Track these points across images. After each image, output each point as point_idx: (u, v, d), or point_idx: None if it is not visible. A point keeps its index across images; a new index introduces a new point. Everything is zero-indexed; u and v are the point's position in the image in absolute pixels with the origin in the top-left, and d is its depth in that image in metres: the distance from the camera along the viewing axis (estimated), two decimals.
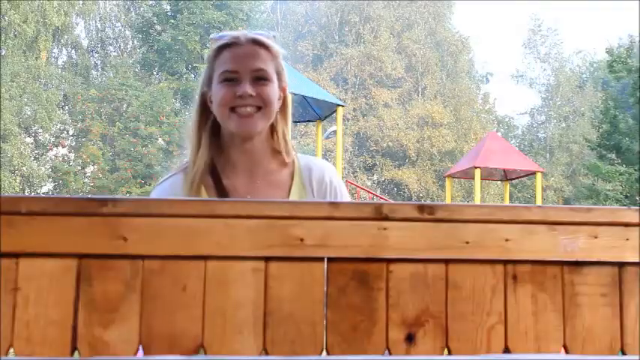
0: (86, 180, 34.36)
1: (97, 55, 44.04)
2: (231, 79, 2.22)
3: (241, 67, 2.22)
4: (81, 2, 40.32)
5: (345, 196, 2.43)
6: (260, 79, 2.23)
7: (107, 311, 1.32)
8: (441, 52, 47.87)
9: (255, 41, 2.27)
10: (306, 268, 1.36)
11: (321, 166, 2.41)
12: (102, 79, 40.85)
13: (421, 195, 43.11)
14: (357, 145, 44.73)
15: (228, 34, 2.30)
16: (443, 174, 32.24)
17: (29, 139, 36.09)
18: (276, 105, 2.29)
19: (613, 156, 26.99)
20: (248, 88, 2.19)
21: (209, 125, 2.29)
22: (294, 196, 2.29)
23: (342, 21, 47.61)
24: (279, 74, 2.32)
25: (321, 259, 1.37)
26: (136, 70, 40.67)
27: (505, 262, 1.41)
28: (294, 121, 17.01)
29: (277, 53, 2.31)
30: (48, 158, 36.42)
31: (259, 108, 2.22)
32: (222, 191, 2.24)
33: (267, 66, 2.25)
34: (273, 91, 2.26)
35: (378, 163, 44.54)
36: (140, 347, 1.33)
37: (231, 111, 2.20)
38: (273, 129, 2.34)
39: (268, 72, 2.25)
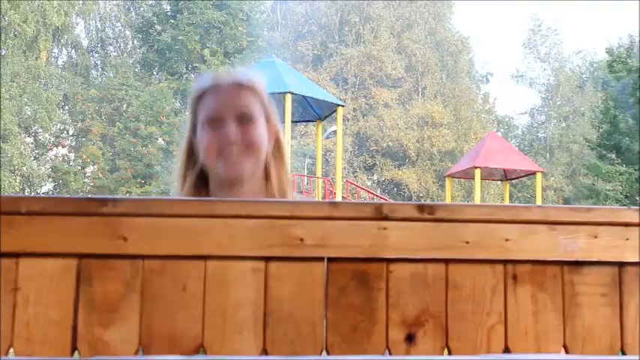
0: (86, 180, 34.37)
1: (97, 55, 44.08)
2: (214, 124, 2.14)
3: (224, 111, 2.14)
4: (81, 2, 40.35)
5: None
6: (244, 119, 2.14)
7: (107, 311, 1.32)
8: (441, 52, 47.90)
9: (238, 83, 2.20)
10: (306, 268, 1.36)
11: None
12: (102, 79, 40.88)
13: (421, 195, 43.13)
14: (357, 144, 44.76)
15: (208, 78, 2.23)
16: (443, 174, 32.26)
17: (29, 139, 36.12)
18: (265, 146, 2.18)
19: (613, 156, 27.01)
20: (232, 130, 2.11)
21: (196, 171, 2.20)
22: None
23: (342, 21, 47.64)
24: (267, 114, 2.21)
25: (321, 259, 1.37)
26: (136, 70, 40.69)
27: (505, 262, 1.41)
28: (294, 121, 17.02)
29: (263, 92, 2.22)
30: (48, 158, 36.45)
31: (246, 149, 2.13)
32: None
33: (252, 105, 2.17)
34: (259, 130, 2.16)
35: (378, 162, 44.57)
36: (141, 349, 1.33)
37: (218, 155, 2.12)
38: (267, 174, 2.22)
39: (253, 112, 2.16)
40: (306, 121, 19.32)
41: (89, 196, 1.48)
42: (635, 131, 25.25)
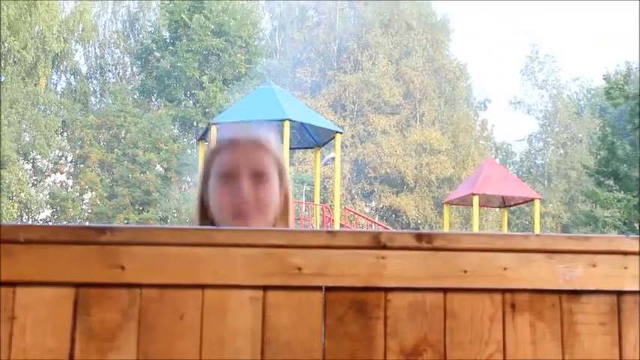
0: (84, 206, 34.39)
1: (96, 81, 44.21)
2: (228, 179, 2.14)
3: (239, 167, 2.14)
4: (80, 29, 40.49)
5: None
6: (259, 177, 2.14)
7: (104, 340, 1.32)
8: (439, 78, 48.05)
9: (256, 141, 2.20)
10: (304, 297, 1.36)
11: None
12: (101, 106, 40.99)
13: (419, 222, 43.10)
14: (355, 171, 44.77)
15: (227, 133, 2.25)
16: (441, 201, 32.27)
17: (27, 165, 36.14)
18: (275, 205, 2.18)
19: (611, 182, 27.01)
20: (245, 188, 2.11)
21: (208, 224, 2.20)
22: None
23: (341, 48, 47.85)
24: (280, 176, 2.21)
25: (319, 288, 1.36)
26: (135, 96, 40.83)
27: (503, 291, 1.40)
28: (292, 148, 17.05)
29: (278, 151, 2.23)
30: (46, 184, 36.47)
31: (257, 209, 2.12)
32: None
33: (267, 164, 2.17)
34: (272, 191, 2.16)
35: (376, 189, 44.57)
36: None
37: (231, 215, 2.11)
38: None
39: (267, 170, 2.16)
40: (305, 147, 19.35)
41: (87, 224, 1.48)
42: (633, 158, 25.29)
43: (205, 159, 2.25)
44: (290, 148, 15.69)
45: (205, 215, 2.21)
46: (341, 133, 17.42)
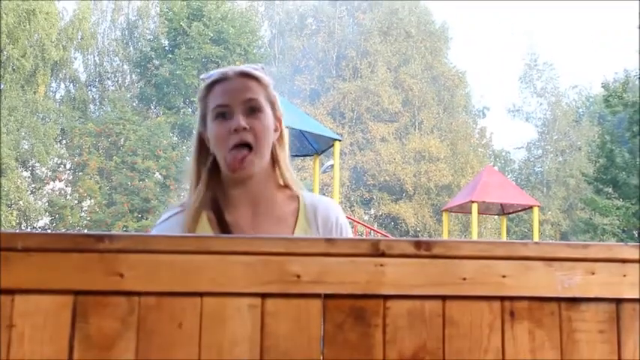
0: (83, 214, 34.36)
1: (94, 89, 44.22)
2: (223, 114, 2.20)
3: (232, 100, 2.20)
4: (79, 37, 40.53)
5: (349, 235, 2.41)
6: (252, 110, 2.21)
7: (103, 348, 1.32)
8: (438, 86, 48.09)
9: (244, 74, 2.25)
10: (303, 305, 1.36)
11: (326, 204, 2.36)
12: (100, 113, 40.97)
13: (418, 229, 43.09)
14: (354, 179, 44.77)
15: (216, 71, 2.30)
16: (440, 208, 32.27)
17: (26, 173, 36.12)
18: (272, 135, 2.27)
19: (610, 190, 27.01)
20: (241, 121, 2.17)
21: (209, 163, 2.26)
22: (299, 234, 2.24)
23: (339, 55, 47.90)
24: (272, 103, 2.28)
25: (317, 296, 1.36)
26: (134, 104, 40.84)
27: (502, 299, 1.40)
28: (292, 156, 17.05)
29: (267, 83, 2.29)
30: (45, 192, 36.44)
31: (253, 147, 2.18)
32: (224, 227, 2.20)
33: (259, 96, 2.23)
34: (267, 121, 2.23)
35: (375, 197, 44.56)
36: None
37: (228, 151, 2.17)
38: (274, 161, 2.32)
39: (260, 102, 2.22)
40: (304, 155, 19.34)
41: (86, 232, 1.48)
42: (632, 165, 25.29)
43: (200, 97, 2.30)
44: (289, 156, 15.67)
45: (204, 154, 2.27)
46: (340, 140, 17.41)
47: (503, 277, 1.40)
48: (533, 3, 67.57)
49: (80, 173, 34.82)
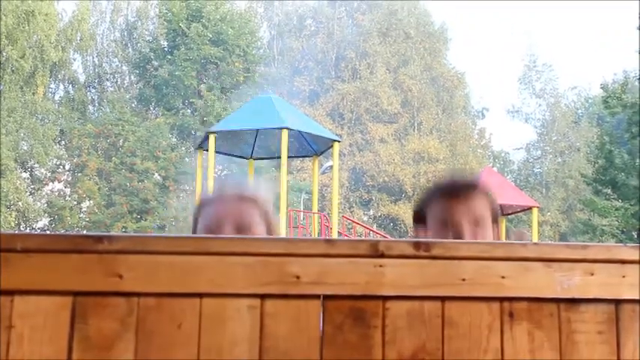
0: (82, 215, 34.34)
1: (94, 90, 44.20)
2: (215, 231, 2.14)
3: (223, 222, 2.14)
4: (79, 38, 40.51)
5: None
6: (242, 228, 2.14)
7: (102, 349, 1.31)
8: (437, 87, 48.09)
9: (240, 196, 2.20)
10: (302, 306, 1.36)
11: None
12: (99, 115, 40.94)
13: None
14: (353, 180, 44.75)
15: (219, 188, 2.28)
16: None
17: (25, 174, 36.09)
18: None
19: (609, 191, 27.02)
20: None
21: None
22: None
23: (339, 57, 47.90)
24: (268, 229, 2.20)
25: (317, 297, 1.36)
26: (133, 105, 40.84)
27: (501, 300, 1.40)
28: (290, 157, 17.03)
29: (265, 205, 2.22)
30: (44, 193, 36.42)
31: None
32: None
33: (251, 216, 2.16)
34: None
35: (374, 198, 44.55)
36: None
37: None
38: None
39: (251, 221, 2.16)
40: (303, 156, 19.33)
41: (85, 233, 1.48)
42: (631, 166, 25.29)
43: (194, 213, 2.26)
44: (288, 157, 15.63)
45: None
46: (339, 141, 17.40)
47: (503, 277, 1.40)
48: (532, 4, 67.64)
49: (79, 174, 34.80)
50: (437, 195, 2.29)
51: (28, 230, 33.34)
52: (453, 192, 2.26)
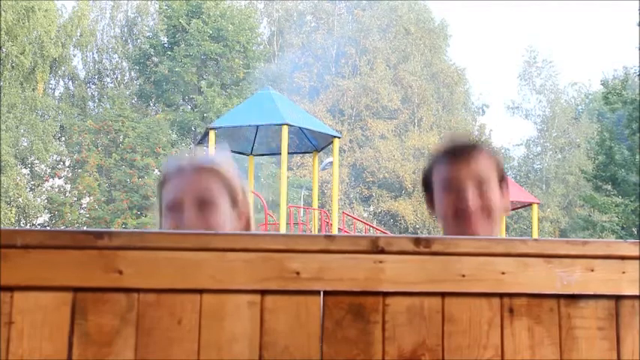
0: (82, 211, 34.30)
1: (94, 86, 44.17)
2: (175, 209, 2.08)
3: (183, 195, 2.08)
4: (79, 34, 40.48)
5: None
6: (204, 204, 2.07)
7: (102, 345, 1.31)
8: (437, 83, 48.06)
9: (199, 167, 2.14)
10: (302, 302, 1.36)
11: None
12: (99, 111, 40.89)
13: (417, 226, 43.07)
14: (353, 176, 44.74)
15: (172, 162, 2.20)
16: None
17: (25, 170, 36.07)
18: (226, 229, 2.07)
19: (609, 187, 27.03)
20: (192, 216, 2.04)
21: None
22: None
23: (339, 53, 47.84)
24: (232, 196, 2.13)
25: (317, 293, 1.36)
26: (133, 101, 40.81)
27: (501, 296, 1.40)
28: (290, 153, 17.05)
29: (227, 174, 2.15)
30: (44, 189, 36.38)
31: None
32: None
33: (213, 189, 2.09)
34: (220, 216, 2.07)
35: (374, 194, 44.53)
36: None
37: None
38: None
39: (212, 196, 2.08)
40: (303, 152, 19.34)
41: (85, 229, 1.48)
42: (631, 163, 25.30)
43: (157, 191, 2.20)
44: (288, 153, 15.65)
45: None
46: (339, 137, 17.41)
47: (503, 273, 1.40)
48: (532, 1, 67.54)
49: (79, 170, 34.75)
50: (439, 158, 2.29)
51: (28, 226, 33.36)
52: (455, 153, 2.26)
